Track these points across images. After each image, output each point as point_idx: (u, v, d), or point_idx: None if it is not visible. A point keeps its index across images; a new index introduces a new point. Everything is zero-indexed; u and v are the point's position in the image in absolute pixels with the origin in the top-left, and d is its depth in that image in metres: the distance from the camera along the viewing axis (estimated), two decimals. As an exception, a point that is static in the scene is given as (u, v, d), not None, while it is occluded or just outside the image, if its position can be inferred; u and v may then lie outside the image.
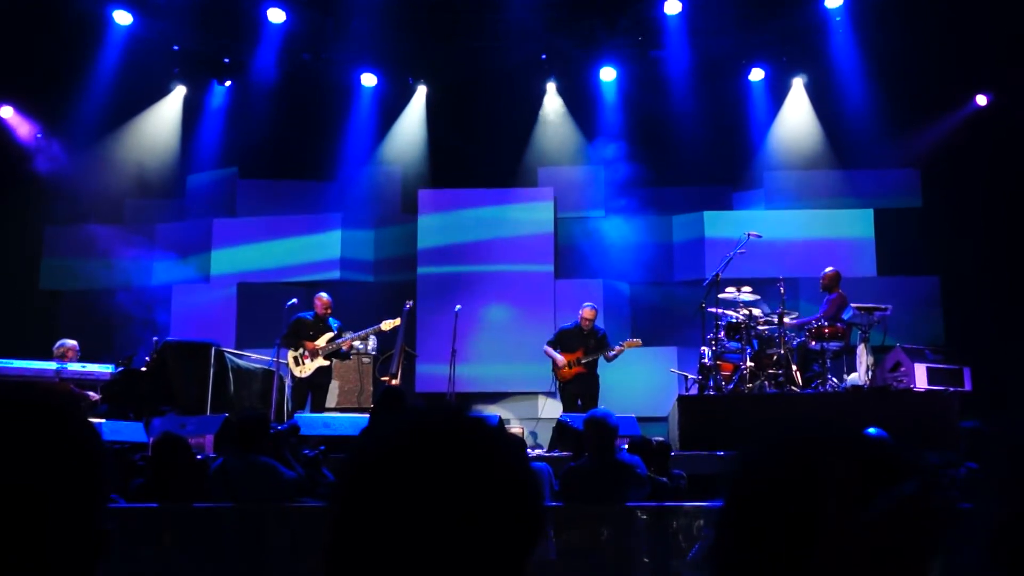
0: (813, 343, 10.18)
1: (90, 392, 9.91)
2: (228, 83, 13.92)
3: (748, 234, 10.62)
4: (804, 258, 12.54)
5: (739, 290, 10.53)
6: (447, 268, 13.45)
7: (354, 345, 10.96)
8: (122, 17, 12.89)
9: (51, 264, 13.88)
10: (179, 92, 14.09)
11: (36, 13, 12.20)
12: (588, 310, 10.82)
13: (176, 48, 13.54)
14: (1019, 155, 11.96)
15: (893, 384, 10.05)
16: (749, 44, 13.28)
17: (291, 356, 10.57)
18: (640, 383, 12.05)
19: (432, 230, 13.60)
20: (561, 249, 13.71)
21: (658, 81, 13.42)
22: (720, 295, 10.48)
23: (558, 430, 9.61)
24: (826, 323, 10.23)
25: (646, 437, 7.91)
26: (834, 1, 12.65)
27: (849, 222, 13.23)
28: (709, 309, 10.46)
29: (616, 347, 10.70)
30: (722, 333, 10.40)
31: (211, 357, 10.38)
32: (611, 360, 10.75)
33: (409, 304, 11.42)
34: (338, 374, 11.29)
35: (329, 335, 10.63)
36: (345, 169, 13.98)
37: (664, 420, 11.11)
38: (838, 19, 12.76)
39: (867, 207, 13.23)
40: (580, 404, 10.40)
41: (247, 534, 5.76)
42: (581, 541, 5.78)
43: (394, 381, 10.60)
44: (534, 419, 12.33)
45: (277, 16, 13.01)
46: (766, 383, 10.10)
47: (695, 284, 12.01)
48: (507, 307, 13.24)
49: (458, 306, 11.26)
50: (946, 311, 12.67)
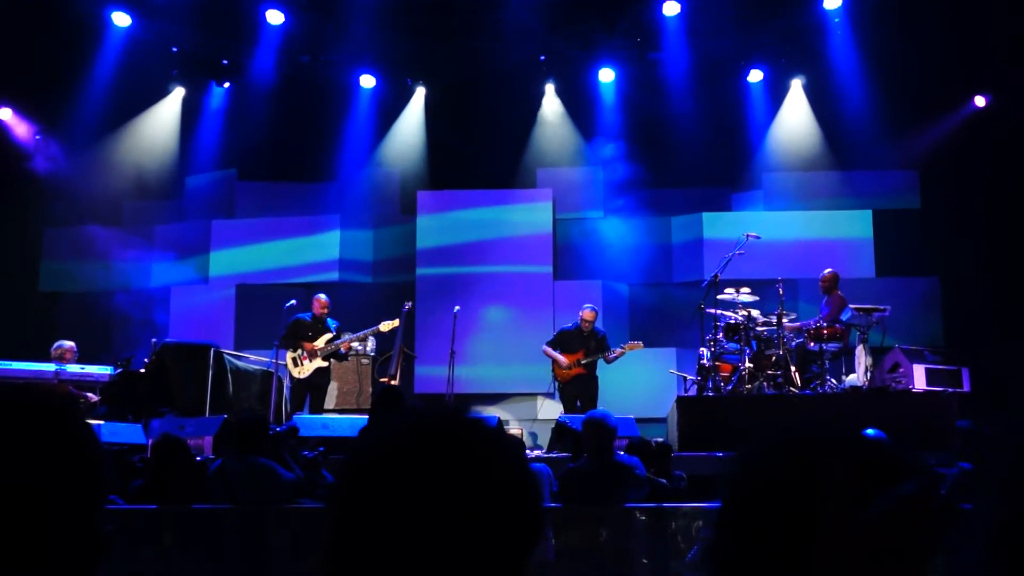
0: (812, 344, 10.18)
1: (89, 393, 9.91)
2: (227, 85, 13.92)
3: (747, 235, 10.63)
4: (803, 259, 12.55)
5: (738, 291, 10.53)
6: (446, 269, 13.44)
7: (353, 346, 10.96)
8: (121, 19, 12.89)
9: (50, 266, 13.88)
10: (178, 94, 14.09)
11: (35, 15, 12.19)
12: (588, 311, 10.82)
13: (175, 49, 13.54)
14: (1018, 156, 11.97)
15: (892, 385, 10.04)
16: (748, 45, 13.28)
17: (289, 357, 10.56)
18: (639, 384, 12.04)
19: (431, 231, 13.59)
20: (560, 250, 13.71)
21: (657, 82, 13.42)
22: (719, 296, 10.48)
23: (557, 431, 9.61)
24: (824, 324, 10.24)
25: (644, 438, 7.92)
26: (833, 2, 12.65)
27: (848, 223, 13.23)
28: (708, 310, 10.46)
29: (617, 349, 10.70)
30: (721, 334, 10.40)
31: (210, 358, 10.37)
32: (611, 362, 10.75)
33: (408, 305, 11.42)
34: (337, 375, 11.29)
35: (328, 336, 10.62)
36: (344, 170, 13.97)
37: (663, 421, 11.10)
38: (837, 20, 12.76)
39: (866, 208, 13.23)
40: (579, 405, 10.39)
41: (247, 535, 5.76)
42: (580, 542, 5.78)
43: (393, 382, 10.61)
44: (533, 420, 12.33)
45: (276, 18, 13.02)
46: (765, 384, 10.10)
47: (694, 285, 12.01)
48: (506, 308, 13.23)
49: (457, 307, 11.26)
50: (945, 312, 12.68)
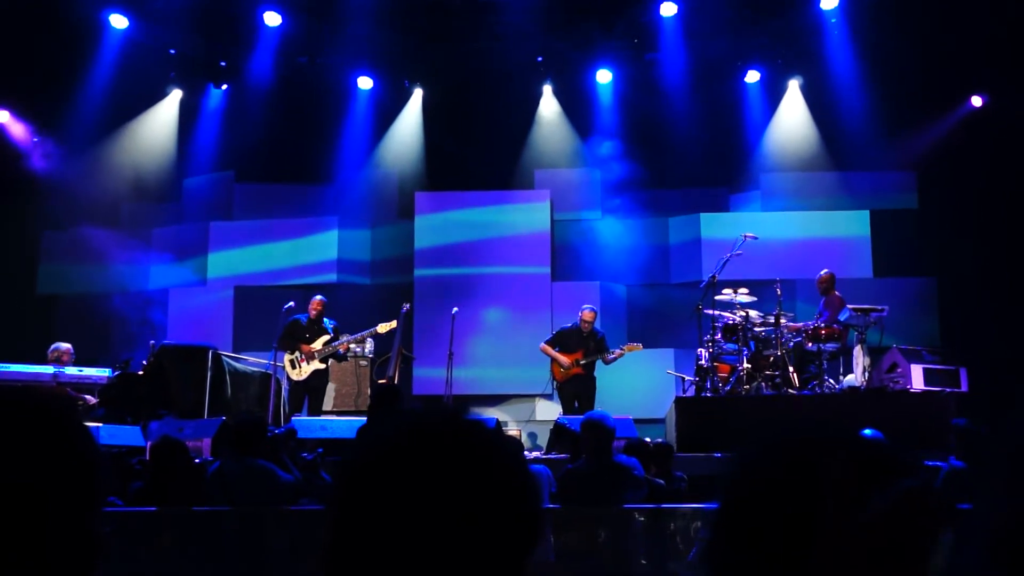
0: (810, 344, 10.18)
1: (87, 396, 9.91)
2: (224, 86, 13.93)
3: (744, 236, 10.63)
4: (800, 260, 12.56)
5: (736, 292, 10.52)
6: (444, 271, 13.44)
7: (351, 347, 10.95)
8: (118, 21, 12.89)
9: (48, 268, 13.88)
10: (175, 96, 14.10)
11: (33, 17, 12.19)
12: (588, 312, 10.81)
13: (172, 52, 13.55)
14: (1015, 156, 11.98)
15: (890, 385, 10.04)
16: (745, 46, 13.29)
17: (287, 360, 10.56)
18: (637, 385, 12.04)
19: (429, 233, 13.59)
20: (558, 251, 13.71)
21: (654, 83, 13.44)
22: (717, 297, 10.48)
23: (556, 432, 9.60)
24: (822, 323, 10.24)
25: (642, 439, 7.91)
26: (829, 3, 12.67)
27: (845, 223, 13.24)
28: (706, 311, 10.45)
29: (616, 351, 10.70)
30: (719, 335, 10.40)
31: (208, 360, 10.36)
32: (609, 363, 10.75)
33: (406, 307, 11.43)
34: (335, 377, 11.28)
35: (325, 338, 10.62)
36: (342, 172, 13.98)
37: (661, 422, 11.10)
38: (833, 21, 12.77)
39: (863, 208, 13.24)
40: (577, 406, 10.39)
41: (246, 537, 5.76)
42: (579, 543, 5.77)
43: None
44: (531, 421, 12.33)
45: (273, 20, 13.02)
46: (763, 384, 10.10)
47: (692, 286, 12.01)
48: (504, 309, 13.23)
49: (455, 309, 11.26)
50: (942, 312, 12.69)
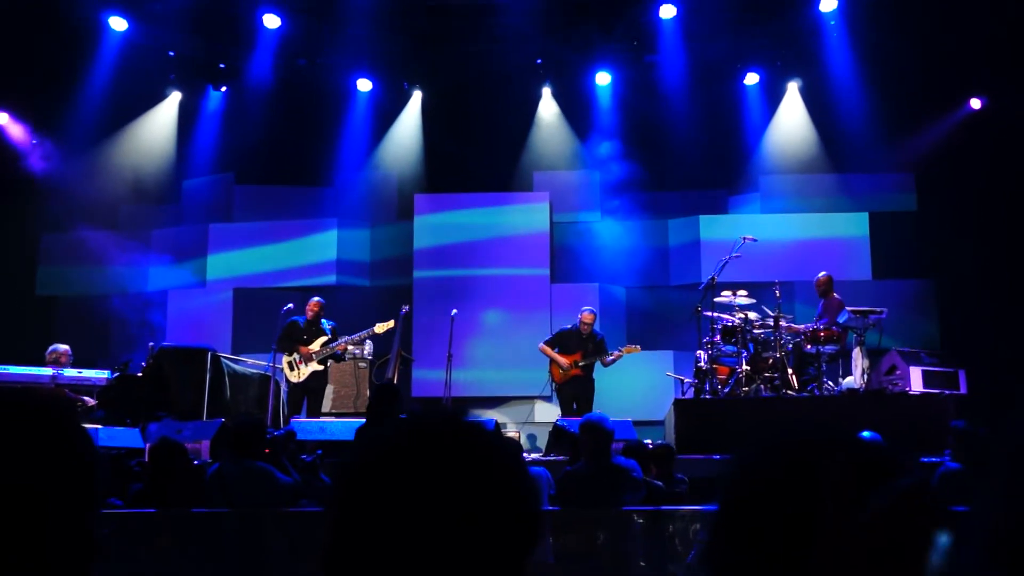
0: (809, 346, 10.18)
1: (86, 397, 9.90)
2: (224, 88, 13.93)
3: (743, 238, 10.63)
4: (799, 262, 12.56)
5: (735, 294, 10.52)
6: (443, 272, 13.44)
7: (349, 349, 10.95)
8: (117, 23, 12.89)
9: (47, 270, 13.88)
10: (175, 97, 14.10)
11: (32, 19, 12.19)
12: (588, 314, 10.82)
13: (172, 53, 13.55)
14: (1014, 158, 11.99)
15: (889, 387, 10.04)
16: (744, 48, 13.30)
17: (285, 362, 10.57)
18: (636, 387, 12.04)
19: (428, 234, 13.59)
20: (557, 253, 13.71)
21: (653, 85, 13.45)
22: (716, 299, 10.48)
23: (555, 434, 9.60)
24: (821, 326, 10.24)
25: (641, 440, 7.92)
26: (828, 5, 12.68)
27: (844, 225, 13.25)
28: (705, 313, 10.46)
29: (614, 352, 10.70)
30: (718, 337, 10.40)
31: (207, 362, 10.36)
32: (608, 365, 10.75)
33: (405, 309, 11.43)
34: (334, 379, 11.27)
35: (323, 339, 10.62)
36: (341, 174, 13.99)
37: (660, 424, 11.10)
38: (832, 23, 12.78)
39: (862, 211, 13.25)
40: (575, 408, 10.40)
41: (245, 539, 5.76)
42: (578, 545, 5.77)
43: (390, 386, 10.60)
44: (529, 423, 12.33)
45: (272, 22, 13.03)
46: (762, 387, 10.09)
47: (691, 288, 12.02)
48: (503, 311, 13.23)
49: (454, 311, 11.26)
50: (941, 314, 12.69)
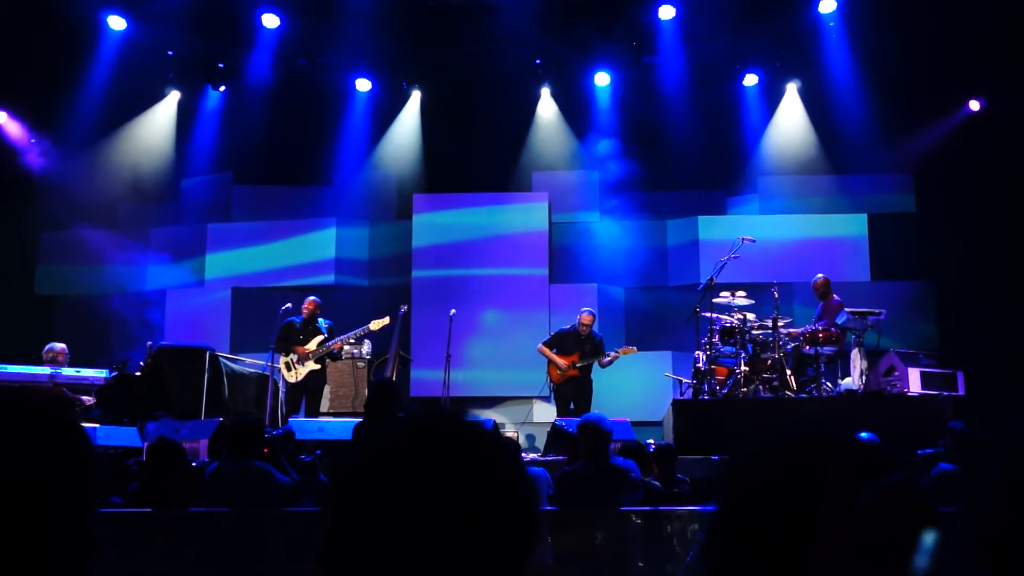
0: (807, 347, 10.18)
1: (84, 396, 9.90)
2: (223, 88, 13.92)
3: (742, 239, 10.63)
4: (798, 263, 12.56)
5: (733, 294, 10.53)
6: (442, 272, 13.44)
7: (347, 348, 10.95)
8: (116, 22, 12.88)
9: (46, 269, 13.87)
10: (174, 97, 14.10)
11: (30, 18, 12.19)
12: (586, 315, 10.82)
13: (170, 53, 13.54)
14: (1013, 160, 12.00)
15: (887, 388, 10.04)
16: (743, 49, 13.31)
17: (283, 362, 10.57)
18: (635, 387, 12.04)
19: (427, 234, 13.59)
20: (555, 253, 13.71)
21: (652, 86, 13.45)
22: (714, 300, 10.49)
23: (553, 434, 9.60)
24: (821, 328, 10.24)
25: (639, 441, 7.92)
26: (828, 6, 12.68)
27: (843, 226, 13.26)
28: (703, 313, 10.46)
29: (611, 353, 10.71)
30: (716, 337, 10.41)
31: (205, 361, 10.35)
32: (605, 366, 10.76)
33: (404, 308, 11.43)
34: (332, 378, 11.27)
35: (319, 338, 10.62)
36: (340, 174, 13.99)
37: (659, 424, 11.11)
38: (831, 24, 12.79)
39: (861, 212, 13.26)
40: (573, 408, 10.40)
41: (243, 539, 5.76)
42: (576, 545, 5.77)
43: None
44: (528, 423, 12.33)
45: (272, 21, 13.03)
46: (760, 387, 10.10)
47: (689, 288, 12.03)
48: (501, 311, 13.23)
49: (453, 310, 11.27)
50: (940, 315, 12.70)
